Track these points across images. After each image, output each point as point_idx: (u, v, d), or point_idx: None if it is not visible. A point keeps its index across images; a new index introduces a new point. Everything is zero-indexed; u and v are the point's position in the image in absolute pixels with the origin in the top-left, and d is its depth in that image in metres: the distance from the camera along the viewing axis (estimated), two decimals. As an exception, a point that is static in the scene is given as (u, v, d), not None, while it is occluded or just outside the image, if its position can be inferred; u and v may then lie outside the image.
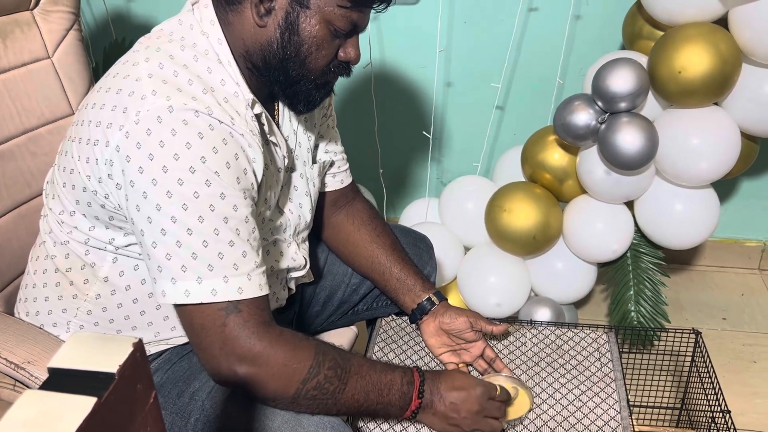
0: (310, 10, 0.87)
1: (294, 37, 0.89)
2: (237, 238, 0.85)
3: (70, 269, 0.99)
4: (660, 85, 1.49)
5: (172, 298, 0.85)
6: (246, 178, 0.87)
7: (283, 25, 0.88)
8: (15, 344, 0.95)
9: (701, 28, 1.45)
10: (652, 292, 1.69)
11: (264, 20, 0.89)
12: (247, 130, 0.88)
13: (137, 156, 0.82)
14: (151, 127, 0.81)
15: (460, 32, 1.93)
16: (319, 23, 0.88)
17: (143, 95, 0.83)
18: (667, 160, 1.52)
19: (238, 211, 0.85)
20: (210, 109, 0.84)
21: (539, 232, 1.65)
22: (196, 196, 0.82)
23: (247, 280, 0.86)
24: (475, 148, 2.00)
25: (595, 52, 1.79)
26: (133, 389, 0.49)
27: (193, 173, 0.82)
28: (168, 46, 0.89)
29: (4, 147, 1.13)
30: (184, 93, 0.84)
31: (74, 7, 1.24)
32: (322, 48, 0.90)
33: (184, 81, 0.86)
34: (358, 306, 1.30)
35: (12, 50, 1.16)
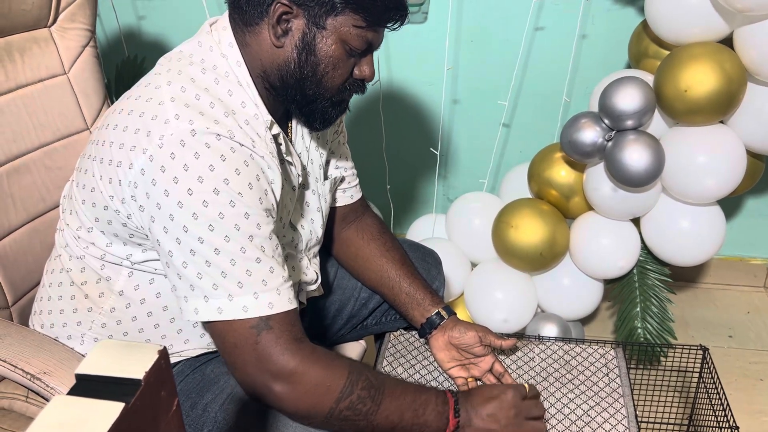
0: (326, 30, 0.89)
1: (311, 57, 0.91)
2: (263, 254, 0.87)
3: (85, 282, 1.01)
4: (666, 104, 1.51)
5: (205, 315, 0.87)
6: (267, 198, 0.89)
7: (300, 45, 0.90)
8: (31, 355, 0.96)
9: (707, 48, 1.47)
10: (658, 308, 1.69)
11: (281, 41, 0.91)
12: (267, 152, 0.90)
13: (162, 179, 0.84)
14: (175, 151, 0.84)
15: (468, 50, 1.95)
16: (335, 43, 0.90)
17: (166, 119, 0.85)
18: (673, 178, 1.53)
19: (262, 229, 0.87)
20: (232, 132, 0.86)
21: (546, 248, 1.66)
22: (221, 216, 0.84)
23: (276, 295, 0.88)
24: (482, 165, 2.02)
25: (601, 70, 1.81)
26: (157, 396, 0.50)
27: (218, 195, 0.84)
28: (189, 69, 0.92)
29: (20, 161, 1.15)
30: (207, 116, 0.86)
31: (90, 24, 1.27)
32: (338, 67, 0.92)
33: (206, 104, 0.88)
34: (367, 320, 1.31)
35: (29, 66, 1.18)
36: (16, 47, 1.16)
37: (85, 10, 1.25)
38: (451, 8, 1.80)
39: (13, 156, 1.14)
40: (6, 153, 1.13)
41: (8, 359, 0.94)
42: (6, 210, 1.12)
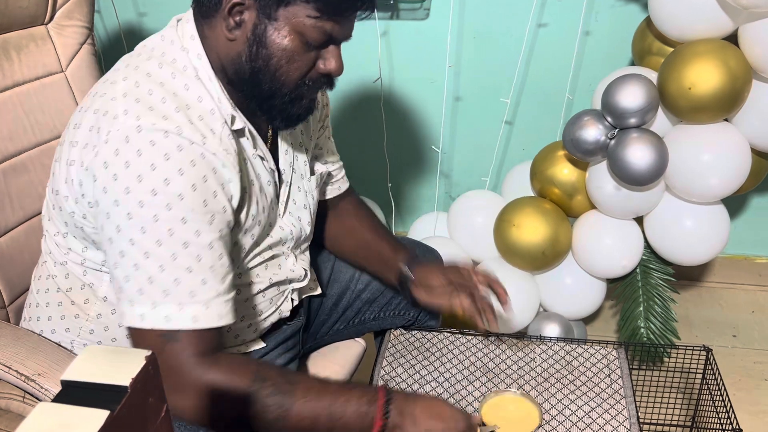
0: (278, 21, 0.85)
1: (262, 50, 0.87)
2: (197, 263, 0.83)
3: (70, 289, 1.00)
4: (670, 102, 1.50)
5: (129, 321, 0.83)
6: (216, 200, 0.85)
7: (251, 38, 0.87)
8: (26, 356, 0.95)
9: (711, 45, 1.45)
10: (661, 308, 1.68)
11: (234, 33, 0.87)
12: (221, 149, 0.86)
13: (103, 176, 0.82)
14: (119, 147, 0.81)
15: (470, 47, 1.94)
16: (290, 34, 0.86)
17: (115, 115, 0.83)
18: (677, 176, 1.52)
19: (201, 237, 0.83)
20: (180, 128, 0.83)
21: (548, 247, 1.65)
22: (155, 219, 0.81)
23: (203, 308, 0.83)
24: (484, 163, 2.01)
25: (605, 67, 1.79)
26: (145, 402, 0.49)
27: (155, 196, 0.80)
28: (146, 63, 0.89)
29: (17, 159, 1.15)
30: (156, 112, 0.83)
31: (88, 21, 1.26)
32: (294, 60, 0.88)
33: (158, 99, 0.85)
34: (365, 315, 1.30)
35: (26, 64, 1.18)
36: (12, 45, 1.16)
37: (83, 7, 1.24)
38: (453, 4, 1.78)
39: (10, 155, 1.13)
40: (3, 152, 1.12)
41: (2, 360, 0.93)
42: (3, 209, 1.12)
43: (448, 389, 1.22)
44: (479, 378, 1.25)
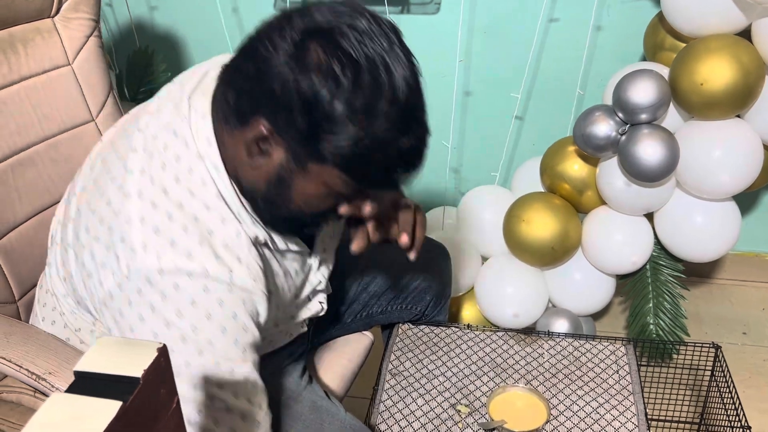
0: (308, 173, 0.76)
1: (283, 192, 0.79)
2: (234, 400, 0.80)
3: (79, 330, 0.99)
4: (682, 97, 1.49)
5: None
6: (246, 334, 0.81)
7: (274, 176, 0.78)
8: (36, 355, 0.95)
9: (724, 40, 1.44)
10: (671, 305, 1.67)
11: (256, 161, 0.78)
12: (249, 279, 0.81)
13: (129, 314, 0.79)
14: (142, 287, 0.77)
15: (480, 42, 1.93)
16: (318, 187, 0.78)
17: (133, 247, 0.78)
18: (688, 172, 1.51)
19: (235, 374, 0.80)
20: (205, 268, 0.78)
21: (557, 242, 1.64)
22: (187, 365, 0.78)
23: None
24: (494, 158, 2.00)
25: (616, 62, 1.78)
26: (157, 393, 0.50)
27: (184, 343, 0.77)
28: (162, 175, 0.80)
29: (24, 154, 1.14)
30: (178, 249, 0.77)
31: (94, 14, 1.25)
32: (318, 204, 0.81)
33: (179, 229, 0.78)
34: (372, 308, 1.30)
35: (33, 58, 1.17)
36: (19, 38, 1.15)
37: (88, 0, 1.24)
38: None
39: (18, 149, 1.13)
40: (10, 146, 1.12)
41: (13, 359, 0.93)
42: (11, 204, 1.12)
43: (455, 384, 1.22)
44: (487, 373, 1.25)
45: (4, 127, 1.10)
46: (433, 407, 1.18)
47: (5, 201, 1.10)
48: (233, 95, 0.78)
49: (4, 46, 1.12)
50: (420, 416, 1.16)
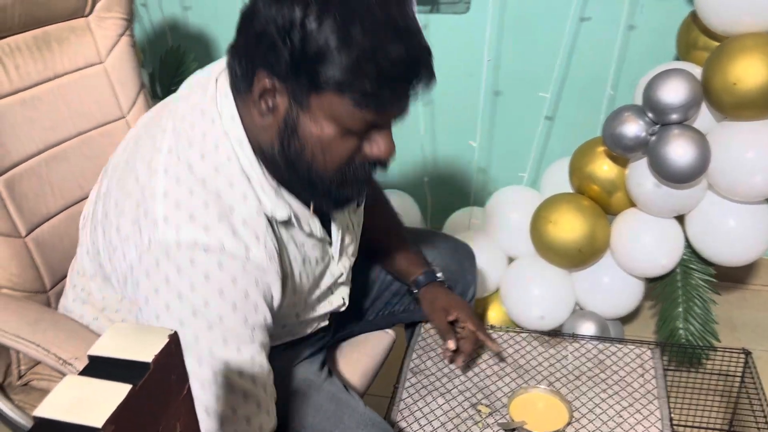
0: (311, 111, 0.77)
1: (295, 141, 0.79)
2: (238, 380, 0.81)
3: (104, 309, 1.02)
4: (714, 97, 1.46)
5: None
6: (257, 314, 0.82)
7: (283, 127, 0.79)
8: (64, 340, 0.98)
9: (758, 39, 1.41)
10: (702, 309, 1.64)
11: (266, 119, 0.80)
12: (266, 257, 0.82)
13: (146, 285, 0.81)
14: (159, 259, 0.79)
15: (510, 41, 1.92)
16: (325, 123, 0.78)
17: (155, 220, 0.80)
18: (720, 174, 1.48)
19: (242, 353, 0.81)
20: (222, 243, 0.79)
21: (585, 244, 1.62)
22: (196, 339, 0.79)
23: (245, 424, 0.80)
24: (522, 158, 1.99)
25: (649, 62, 1.75)
26: (167, 379, 0.51)
27: (195, 316, 0.78)
28: (189, 152, 0.83)
29: (57, 149, 1.18)
30: (197, 223, 0.79)
31: (127, 13, 1.28)
32: (331, 150, 0.80)
33: (200, 204, 0.80)
34: (394, 307, 1.30)
35: (67, 56, 1.21)
36: (53, 37, 1.19)
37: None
38: (493, -2, 1.77)
39: (51, 144, 1.16)
40: (44, 141, 1.15)
41: (42, 344, 0.96)
42: (44, 197, 1.15)
43: (477, 383, 1.22)
44: (509, 374, 1.24)
45: (38, 123, 1.14)
46: (454, 406, 1.18)
47: (39, 194, 1.13)
48: (237, 62, 0.81)
49: (39, 45, 1.16)
50: (440, 415, 1.16)
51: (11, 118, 1.10)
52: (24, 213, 1.11)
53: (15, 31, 1.12)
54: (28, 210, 1.11)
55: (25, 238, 1.11)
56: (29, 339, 0.97)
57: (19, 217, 1.10)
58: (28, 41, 1.14)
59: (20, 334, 0.98)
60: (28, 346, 0.97)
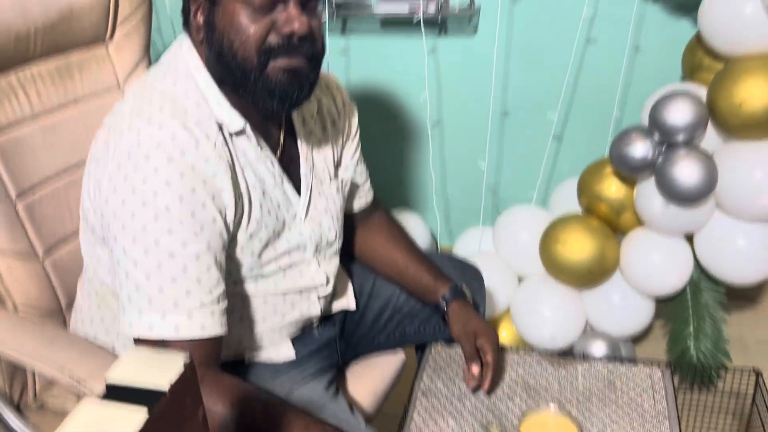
0: (222, 3, 0.89)
1: (215, 34, 0.90)
2: (182, 275, 0.85)
3: (105, 295, 1.05)
4: (720, 118, 1.47)
5: (122, 328, 0.88)
6: (204, 211, 0.87)
7: (206, 28, 0.91)
8: (78, 360, 1.00)
9: (762, 61, 1.42)
10: (712, 328, 1.64)
11: (200, 35, 0.93)
12: (215, 155, 0.89)
13: (107, 188, 0.88)
14: (121, 162, 0.87)
15: (517, 63, 1.94)
16: (235, 7, 0.87)
17: (121, 131, 0.89)
18: (727, 194, 1.49)
19: (188, 248, 0.85)
20: (174, 134, 0.87)
21: (594, 264, 1.63)
22: (144, 229, 0.85)
23: (186, 319, 0.85)
24: (531, 178, 2.00)
25: (654, 83, 1.77)
26: (183, 403, 0.52)
27: (144, 207, 0.84)
28: (153, 74, 0.96)
29: (77, 173, 1.20)
30: (153, 122, 0.88)
31: (145, 40, 1.32)
32: (242, 31, 0.88)
33: (156, 108, 0.89)
34: (406, 328, 1.31)
35: (87, 81, 1.24)
36: (74, 64, 1.22)
37: (140, 27, 1.30)
38: (500, 21, 1.79)
39: (71, 168, 1.19)
40: (64, 165, 1.18)
41: (57, 362, 0.98)
42: (63, 220, 1.18)
43: (487, 405, 1.22)
44: (519, 394, 1.24)
45: (59, 147, 1.17)
46: (464, 427, 1.18)
47: (57, 217, 1.16)
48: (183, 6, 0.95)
49: (60, 72, 1.19)
50: (450, 436, 1.16)
51: (32, 144, 1.13)
52: (43, 235, 1.13)
53: (37, 58, 1.16)
54: (46, 232, 1.14)
55: (43, 260, 1.14)
56: (45, 358, 0.99)
57: (38, 239, 1.13)
58: (49, 68, 1.17)
59: (36, 354, 1.00)
60: (43, 364, 0.99)
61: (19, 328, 1.05)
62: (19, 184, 1.11)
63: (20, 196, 1.11)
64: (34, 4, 1.10)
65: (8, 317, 1.08)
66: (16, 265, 1.10)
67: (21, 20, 1.08)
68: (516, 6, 1.85)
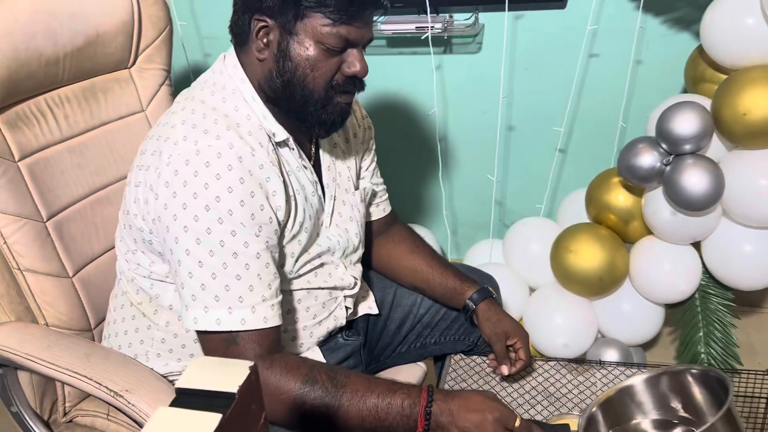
0: (298, 35, 0.95)
1: (288, 63, 0.96)
2: (245, 272, 0.92)
3: (141, 303, 1.09)
4: (725, 128, 1.51)
5: (186, 323, 0.94)
6: (262, 213, 0.94)
7: (278, 54, 0.96)
8: (114, 373, 1.02)
9: (765, 71, 1.46)
10: (722, 333, 1.67)
11: (263, 54, 0.98)
12: (268, 161, 0.96)
13: (164, 194, 0.92)
14: (178, 168, 0.91)
15: (522, 78, 1.98)
16: (310, 45, 0.95)
17: (176, 141, 0.94)
18: (734, 201, 1.52)
19: (249, 248, 0.92)
20: (232, 143, 0.93)
21: (605, 273, 1.66)
22: (208, 232, 0.90)
23: (250, 313, 0.93)
24: (539, 191, 2.04)
25: (657, 95, 1.81)
26: (249, 408, 0.55)
27: (208, 211, 0.90)
28: (201, 93, 1.01)
29: (102, 192, 1.24)
30: (210, 134, 0.93)
31: (166, 64, 1.36)
32: (318, 68, 0.96)
33: (211, 121, 0.95)
34: (426, 339, 1.34)
35: (111, 105, 1.28)
36: (99, 88, 1.26)
37: (162, 51, 1.33)
38: (505, 38, 1.84)
39: (97, 188, 1.23)
40: (90, 185, 1.22)
41: (94, 377, 1.01)
42: (89, 238, 1.20)
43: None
44: (540, 402, 1.27)
45: (85, 168, 1.20)
46: (488, 435, 1.20)
47: (85, 236, 1.19)
48: (235, 21, 0.99)
49: (87, 95, 1.22)
50: (475, 444, 1.18)
51: (61, 165, 1.16)
52: (71, 254, 1.16)
53: (65, 83, 1.19)
54: (75, 251, 1.17)
55: (72, 278, 1.16)
56: (81, 373, 1.02)
57: (67, 257, 1.16)
58: (76, 92, 1.21)
59: (72, 368, 1.02)
60: (80, 379, 1.01)
61: (54, 343, 1.07)
62: (49, 204, 1.14)
63: (50, 216, 1.14)
64: (64, 30, 1.13)
65: (43, 332, 1.10)
66: (47, 284, 1.13)
67: (51, 46, 1.12)
68: (519, 22, 1.90)
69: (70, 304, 1.16)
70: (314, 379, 0.95)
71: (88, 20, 1.18)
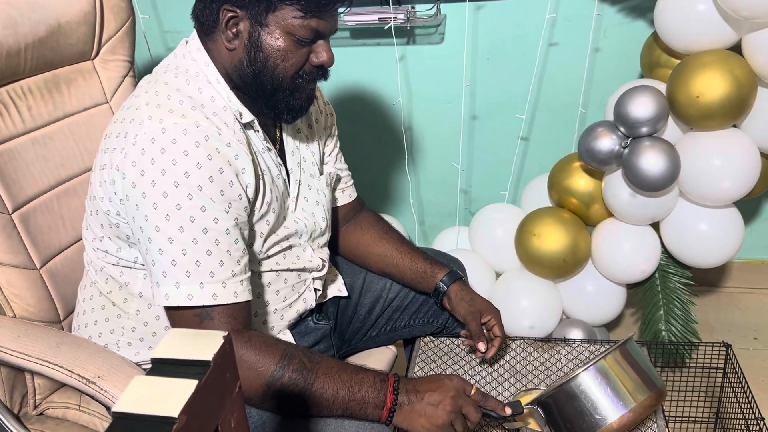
0: (269, 27, 0.97)
1: (259, 54, 0.98)
2: (215, 248, 0.93)
3: (110, 292, 1.10)
4: (679, 110, 1.56)
5: (158, 300, 0.95)
6: (231, 189, 0.95)
7: (248, 45, 0.98)
8: (86, 361, 1.02)
9: (717, 55, 1.52)
10: (681, 311, 1.72)
11: (233, 44, 0.99)
12: (235, 139, 0.97)
13: (132, 173, 0.93)
14: (145, 147, 0.92)
15: (484, 68, 2.02)
16: (281, 36, 0.97)
17: (141, 121, 0.95)
18: (690, 181, 1.58)
19: (219, 224, 0.93)
20: (198, 122, 0.94)
21: (569, 255, 1.71)
22: (178, 208, 0.91)
23: (221, 288, 0.94)
24: (502, 178, 2.07)
25: (615, 81, 1.86)
26: (223, 376, 0.56)
27: (177, 187, 0.91)
28: (164, 75, 1.02)
29: (68, 184, 1.23)
30: (175, 113, 0.94)
31: (129, 55, 1.35)
32: (288, 58, 0.99)
33: (176, 102, 0.96)
34: (396, 323, 1.36)
35: (75, 96, 1.27)
36: (63, 79, 1.25)
37: (125, 43, 1.33)
38: (467, 28, 1.86)
39: (62, 180, 1.22)
40: (56, 177, 1.21)
41: (65, 365, 1.01)
42: (56, 230, 1.20)
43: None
44: (508, 379, 1.30)
45: (50, 160, 1.19)
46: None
47: (52, 227, 1.18)
48: (201, 9, 1.00)
49: (50, 87, 1.21)
50: (446, 421, 1.21)
51: (25, 157, 1.15)
52: (38, 246, 1.16)
53: (27, 74, 1.18)
54: (42, 243, 1.16)
55: (39, 270, 1.16)
56: (52, 361, 1.01)
57: (34, 249, 1.15)
58: (39, 84, 1.20)
59: (43, 357, 1.02)
60: (51, 368, 1.01)
61: (23, 333, 1.07)
62: (14, 196, 1.13)
63: (16, 208, 1.13)
64: (24, 21, 1.12)
65: (12, 323, 1.09)
66: (14, 276, 1.12)
67: (12, 37, 1.11)
68: (480, 12, 1.93)
69: (38, 296, 1.15)
70: (292, 354, 0.97)
71: (48, 10, 1.17)
